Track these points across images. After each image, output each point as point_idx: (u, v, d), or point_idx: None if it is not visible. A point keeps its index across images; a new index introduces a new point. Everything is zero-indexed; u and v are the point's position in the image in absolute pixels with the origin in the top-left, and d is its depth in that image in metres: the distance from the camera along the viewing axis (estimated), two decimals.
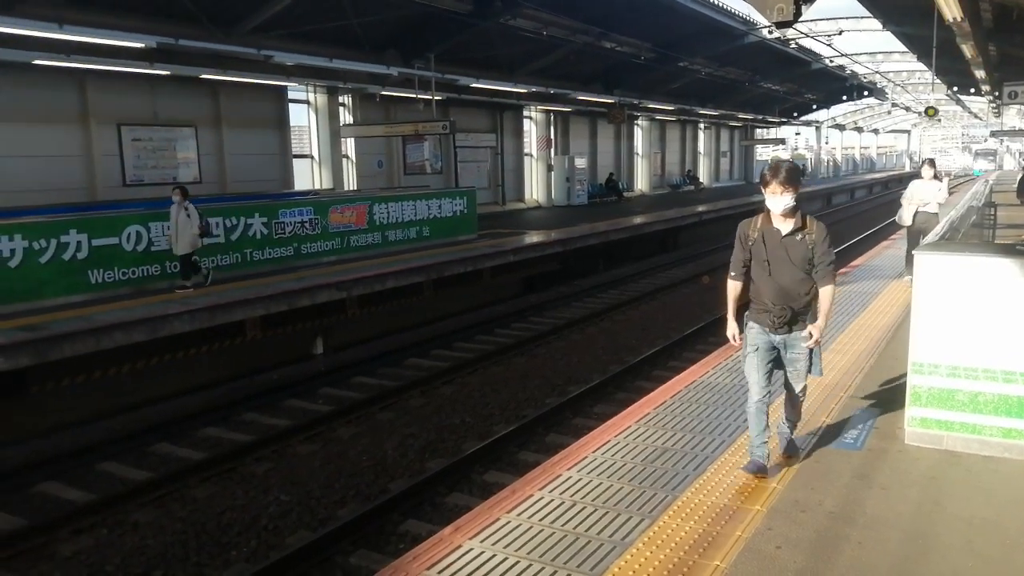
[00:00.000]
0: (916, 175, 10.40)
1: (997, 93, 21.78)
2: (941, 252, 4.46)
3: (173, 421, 8.37)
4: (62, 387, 8.29)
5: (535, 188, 27.20)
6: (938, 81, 31.07)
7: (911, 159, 74.92)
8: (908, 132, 71.99)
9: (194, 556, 5.63)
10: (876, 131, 69.05)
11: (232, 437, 7.96)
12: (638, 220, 20.60)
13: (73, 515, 6.11)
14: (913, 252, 4.66)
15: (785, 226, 3.89)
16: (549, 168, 26.98)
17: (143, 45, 13.02)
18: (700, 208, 24.81)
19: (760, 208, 4.02)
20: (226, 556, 5.64)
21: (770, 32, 22.49)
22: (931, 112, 24.44)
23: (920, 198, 9.91)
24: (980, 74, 18.81)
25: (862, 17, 22.79)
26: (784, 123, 44.72)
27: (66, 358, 7.92)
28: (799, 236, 3.86)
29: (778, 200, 3.82)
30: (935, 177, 10.04)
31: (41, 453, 7.55)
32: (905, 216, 10.06)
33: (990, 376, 4.30)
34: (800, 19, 6.32)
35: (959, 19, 10.31)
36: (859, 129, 63.44)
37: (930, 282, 4.41)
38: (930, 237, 7.29)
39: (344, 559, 5.55)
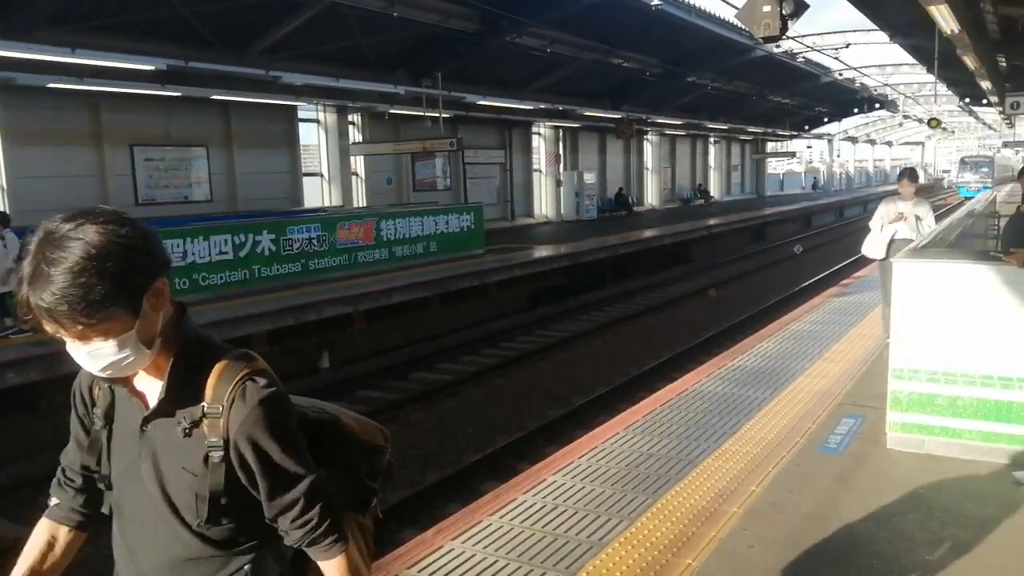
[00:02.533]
0: (892, 192, 7.61)
1: (1003, 104, 21.76)
2: (919, 259, 4.54)
3: None
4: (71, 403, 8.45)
5: (544, 203, 27.36)
6: (949, 92, 31.09)
7: (925, 171, 73.62)
8: (922, 144, 71.61)
9: None
10: (889, 143, 68.78)
11: None
12: (647, 234, 20.69)
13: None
14: (892, 259, 4.70)
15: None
16: (558, 183, 27.16)
17: (155, 68, 13.32)
18: (711, 222, 24.88)
19: (768, 222, 4.13)
20: None
21: (776, 46, 22.60)
22: (934, 123, 24.47)
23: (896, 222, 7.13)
24: (986, 85, 18.81)
25: (869, 30, 22.85)
26: (795, 136, 44.72)
27: (75, 373, 8.07)
28: None
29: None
30: (917, 194, 7.23)
31: (48, 467, 7.69)
32: (875, 244, 7.14)
33: (968, 381, 4.36)
34: (789, 33, 6.44)
35: (957, 32, 10.39)
36: (872, 142, 63.26)
37: (909, 289, 4.48)
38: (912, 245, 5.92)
39: None
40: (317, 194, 19.15)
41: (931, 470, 4.24)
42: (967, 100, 33.73)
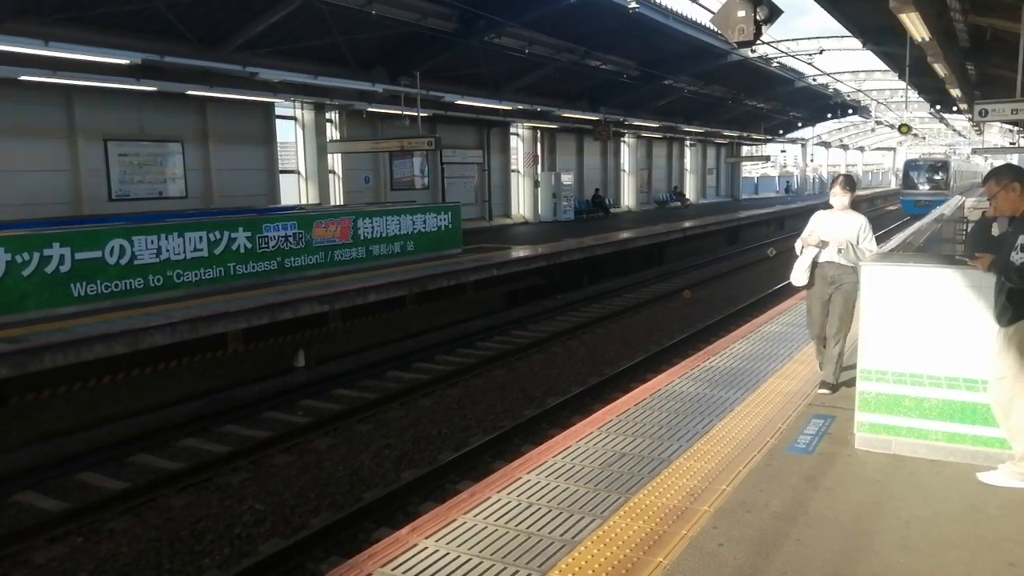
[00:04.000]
0: (828, 204, 6.05)
1: (972, 112, 22.13)
2: (886, 263, 4.63)
3: (152, 433, 8.45)
4: (42, 399, 8.37)
5: (522, 204, 27.42)
6: (920, 99, 31.56)
7: (896, 176, 74.22)
8: (894, 150, 72.60)
9: (167, 563, 5.72)
10: (862, 148, 69.65)
11: (210, 448, 8.05)
12: (623, 235, 20.80)
13: (48, 523, 6.19)
14: (860, 263, 4.78)
15: None
16: (536, 184, 27.22)
17: (128, 62, 13.18)
18: (686, 224, 25.06)
19: (743, 225, 4.25)
20: (199, 563, 5.73)
21: (752, 51, 22.83)
22: (904, 129, 24.86)
23: (826, 238, 5.66)
24: (955, 92, 19.14)
25: (843, 36, 23.15)
26: (769, 140, 45.19)
27: (46, 370, 8.01)
28: None
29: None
30: (853, 207, 5.84)
31: (18, 464, 7.62)
32: (797, 269, 5.83)
33: (934, 382, 4.46)
34: (763, 38, 6.53)
35: (927, 39, 10.58)
36: (844, 147, 64.08)
37: (877, 292, 4.57)
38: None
39: (316, 566, 5.65)
40: (294, 192, 19.04)
41: (898, 470, 4.34)
42: (938, 107, 34.29)
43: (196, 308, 9.87)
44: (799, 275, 5.83)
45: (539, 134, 27.79)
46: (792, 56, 25.32)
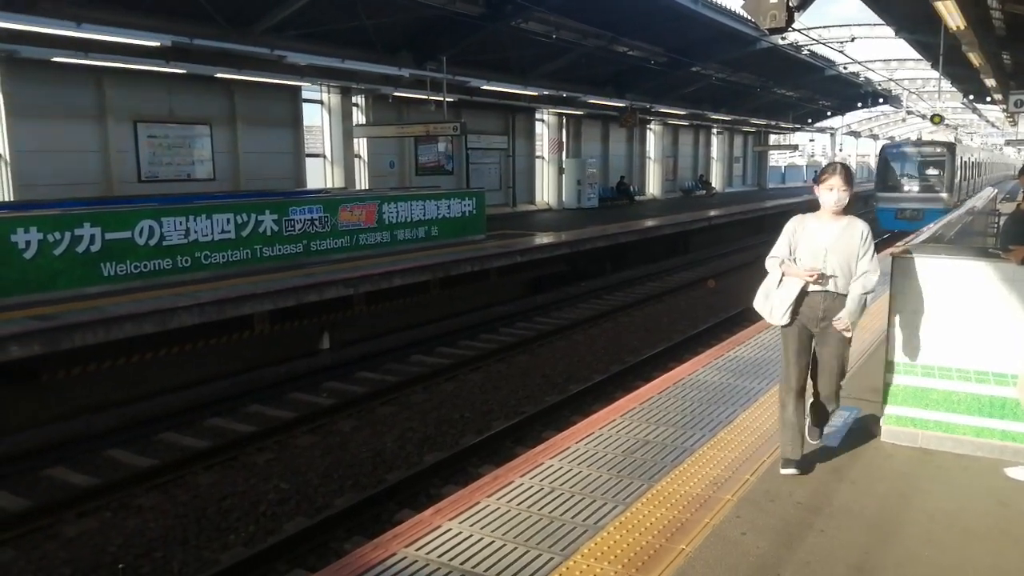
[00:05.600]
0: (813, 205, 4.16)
1: (1006, 102, 21.75)
2: (918, 255, 4.58)
3: (179, 411, 8.59)
4: (72, 376, 8.52)
5: (546, 190, 27.35)
6: (953, 89, 31.04)
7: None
8: None
9: (194, 539, 5.82)
10: (892, 139, 68.62)
11: (236, 427, 8.16)
12: (648, 223, 20.70)
13: (78, 498, 6.31)
14: (891, 254, 4.73)
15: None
16: (560, 171, 27.13)
17: (159, 44, 13.29)
18: (711, 213, 24.89)
19: (769, 214, 4.09)
20: (225, 540, 5.83)
21: (782, 38, 22.53)
22: (936, 120, 24.41)
23: (821, 266, 3.89)
24: (990, 83, 18.79)
25: (875, 24, 22.80)
26: (798, 129, 44.66)
27: (77, 347, 8.14)
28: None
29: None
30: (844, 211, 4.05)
31: (49, 439, 7.78)
32: (776, 304, 4.09)
33: (963, 376, 4.41)
34: (795, 25, 6.46)
35: (963, 27, 10.39)
36: (875, 136, 63.16)
37: (907, 284, 4.52)
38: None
39: (339, 545, 5.72)
40: (319, 175, 19.14)
41: (924, 463, 4.30)
42: (971, 97, 33.69)
43: (223, 289, 9.98)
44: (779, 312, 4.06)
45: (564, 120, 27.66)
46: (823, 44, 24.96)
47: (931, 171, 22.76)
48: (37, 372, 8.15)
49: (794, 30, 18.58)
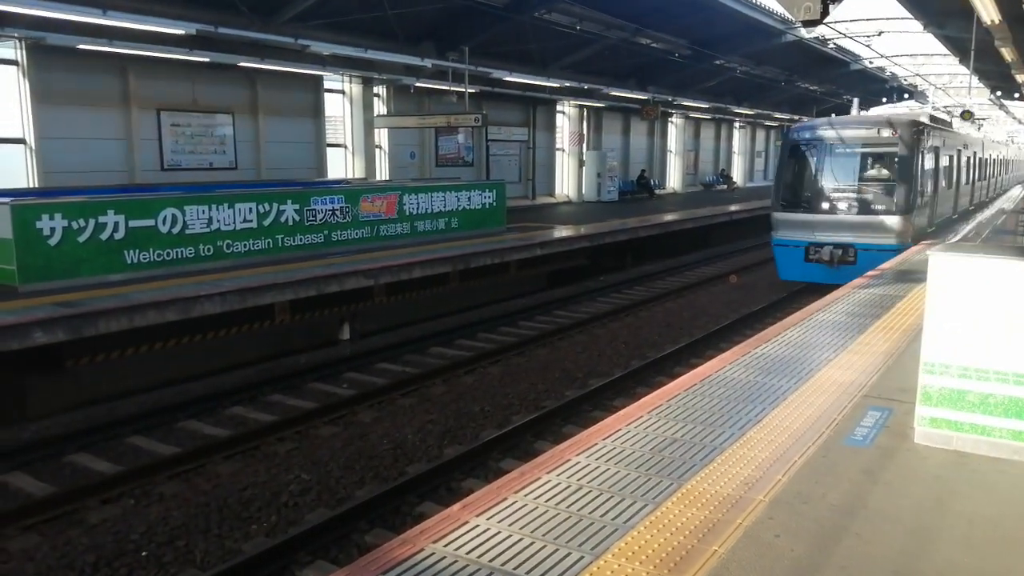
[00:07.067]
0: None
1: None
2: (955, 252, 4.47)
3: (201, 399, 8.61)
4: (96, 363, 8.56)
5: (566, 183, 27.23)
6: (980, 85, 30.56)
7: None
8: None
9: (216, 528, 5.82)
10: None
11: (257, 417, 8.17)
12: (668, 217, 20.56)
13: (102, 485, 6.34)
14: (928, 253, 4.62)
15: None
16: (581, 163, 27.00)
17: (183, 32, 13.31)
18: (732, 208, 24.69)
19: None
20: (246, 529, 5.83)
21: (808, 32, 22.26)
22: (967, 116, 24.05)
23: None
24: (1022, 78, 18.47)
25: (902, 18, 22.46)
26: None
27: (100, 335, 8.17)
28: None
29: None
30: None
31: (73, 425, 7.82)
32: None
33: (1001, 378, 4.30)
34: (827, 18, 6.33)
35: (997, 21, 10.19)
36: None
37: (944, 283, 4.42)
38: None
39: (360, 537, 5.71)
40: (340, 165, 19.15)
41: (959, 466, 4.21)
42: (998, 93, 33.17)
43: (245, 278, 9.99)
44: None
45: (585, 112, 27.51)
46: (849, 37, 24.64)
47: (873, 172, 13.61)
48: (61, 359, 8.19)
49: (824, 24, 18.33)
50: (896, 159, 13.18)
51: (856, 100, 16.13)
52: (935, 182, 14.62)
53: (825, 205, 13.57)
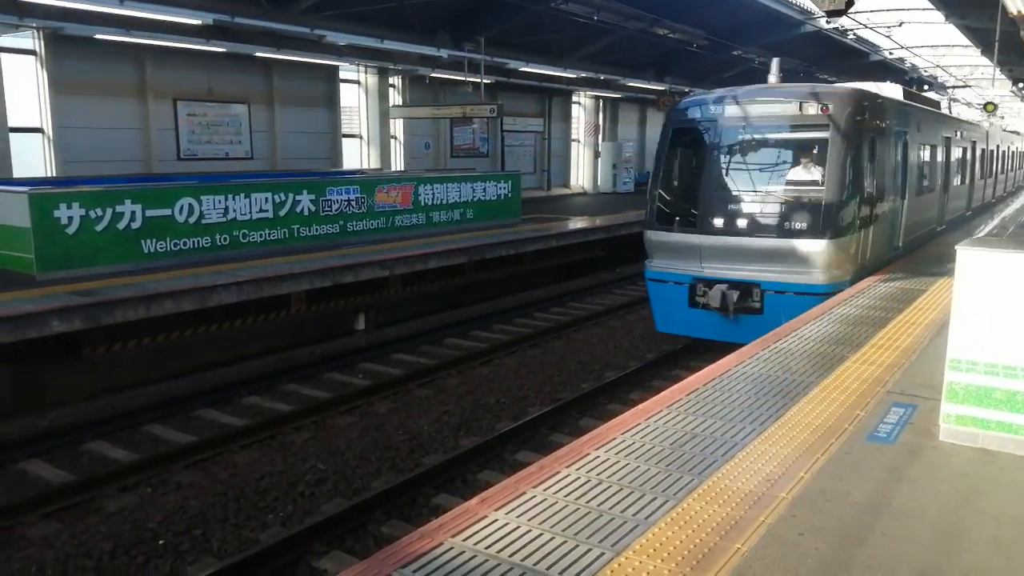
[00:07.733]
0: None
1: None
2: (984, 247, 4.38)
3: (218, 388, 8.63)
4: (113, 351, 8.59)
5: (581, 174, 27.12)
6: (1002, 77, 30.14)
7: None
8: None
9: (233, 517, 5.82)
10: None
11: (273, 406, 8.18)
12: None
13: (119, 473, 6.36)
14: (956, 247, 4.53)
15: None
16: (596, 154, 26.88)
17: (200, 22, 13.32)
18: None
19: None
20: (263, 519, 5.83)
21: (828, 22, 22.01)
22: (990, 108, 23.75)
23: None
24: None
25: (924, 9, 22.15)
26: None
27: (118, 323, 8.19)
28: None
29: None
30: None
31: (90, 414, 7.86)
32: None
33: None
34: (852, 9, 6.22)
35: (1023, 12, 9.99)
36: None
37: (971, 278, 4.34)
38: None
39: (376, 528, 5.70)
40: (356, 156, 19.14)
41: (986, 464, 4.14)
42: (1020, 85, 32.70)
43: (261, 268, 9.99)
44: None
45: (601, 103, 27.36)
46: (869, 28, 24.34)
47: (795, 171, 9.09)
48: (79, 347, 8.22)
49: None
50: (826, 150, 8.69)
51: (776, 60, 10.03)
52: (900, 184, 10.37)
53: (718, 221, 9.02)
